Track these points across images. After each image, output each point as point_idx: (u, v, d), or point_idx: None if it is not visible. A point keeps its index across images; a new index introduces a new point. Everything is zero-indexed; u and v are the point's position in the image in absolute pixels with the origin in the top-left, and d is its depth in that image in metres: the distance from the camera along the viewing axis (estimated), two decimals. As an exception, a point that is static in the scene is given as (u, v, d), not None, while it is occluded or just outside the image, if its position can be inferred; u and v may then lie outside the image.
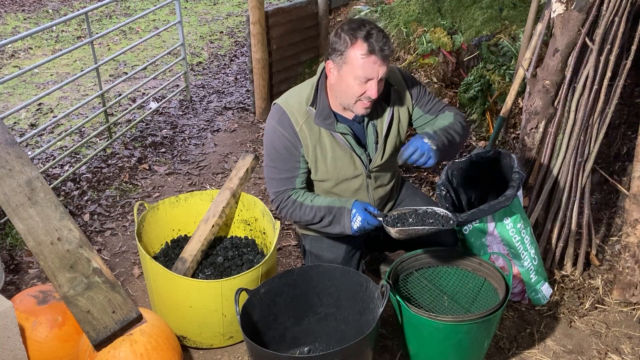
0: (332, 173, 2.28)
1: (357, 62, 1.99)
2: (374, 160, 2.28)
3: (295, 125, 2.18)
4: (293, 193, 2.27)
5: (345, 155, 2.24)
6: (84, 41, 3.91)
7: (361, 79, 2.02)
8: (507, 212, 2.47)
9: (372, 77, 2.01)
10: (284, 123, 2.19)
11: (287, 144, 2.20)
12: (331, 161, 2.24)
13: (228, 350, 2.53)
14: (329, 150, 2.22)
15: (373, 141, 2.26)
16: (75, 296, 2.01)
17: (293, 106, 2.20)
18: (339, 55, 2.03)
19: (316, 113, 2.17)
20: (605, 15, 2.57)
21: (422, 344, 2.19)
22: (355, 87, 2.04)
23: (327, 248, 2.47)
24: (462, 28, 4.61)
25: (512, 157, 2.46)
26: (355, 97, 2.07)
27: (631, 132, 3.31)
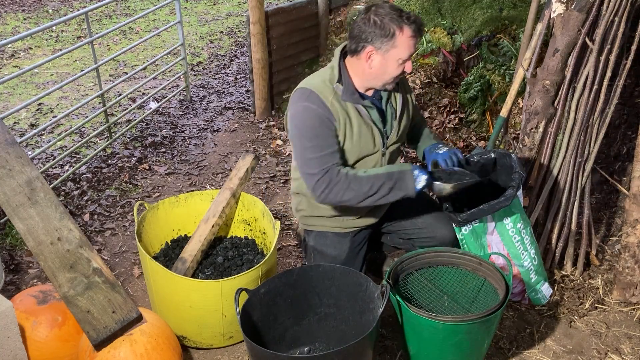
0: (356, 149, 2.31)
1: (405, 44, 2.15)
2: (390, 137, 2.37)
3: (326, 101, 2.22)
4: (341, 168, 2.23)
5: (368, 130, 2.30)
6: (84, 41, 3.91)
7: (404, 59, 2.19)
8: (507, 212, 2.47)
9: (410, 56, 2.20)
10: (315, 100, 2.22)
11: (323, 119, 2.21)
12: (357, 136, 2.29)
13: (228, 350, 2.53)
14: (355, 125, 2.28)
15: (391, 119, 2.38)
16: (75, 296, 2.01)
17: (318, 86, 2.24)
18: (388, 41, 2.14)
19: (343, 89, 2.25)
20: (605, 15, 2.57)
21: (422, 344, 2.19)
22: (397, 68, 2.20)
23: (331, 244, 2.48)
24: (462, 28, 4.61)
25: (512, 157, 2.46)
26: (391, 77, 2.22)
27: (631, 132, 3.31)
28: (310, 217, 2.51)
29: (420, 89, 4.51)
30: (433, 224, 2.51)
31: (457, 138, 4.20)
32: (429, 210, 2.54)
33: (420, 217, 2.52)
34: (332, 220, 2.47)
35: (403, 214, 2.55)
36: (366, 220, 2.49)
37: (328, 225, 2.48)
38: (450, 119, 4.34)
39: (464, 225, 2.45)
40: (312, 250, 2.54)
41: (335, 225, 2.47)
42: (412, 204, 2.53)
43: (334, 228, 2.48)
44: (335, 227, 2.48)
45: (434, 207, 2.56)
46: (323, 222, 2.49)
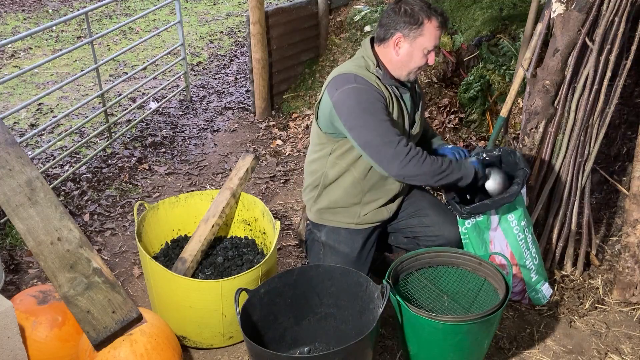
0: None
1: (432, 34, 2.24)
2: (415, 124, 2.45)
3: (375, 85, 2.27)
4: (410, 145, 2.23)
5: (402, 114, 2.37)
6: (84, 41, 3.91)
7: (429, 49, 2.26)
8: (511, 208, 2.47)
9: (435, 46, 2.28)
10: (362, 82, 2.24)
11: (378, 96, 2.24)
12: (395, 118, 2.33)
13: (228, 350, 2.53)
14: (396, 108, 2.33)
15: (415, 108, 2.45)
16: (75, 296, 2.01)
17: (358, 71, 2.28)
18: (416, 29, 2.23)
19: (383, 73, 2.31)
20: (605, 15, 2.57)
21: (422, 344, 2.19)
22: (422, 57, 2.28)
23: (344, 241, 2.47)
24: (462, 28, 4.60)
25: (516, 154, 2.46)
26: (416, 67, 2.29)
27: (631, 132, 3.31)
28: (327, 210, 2.46)
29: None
30: (440, 223, 2.51)
31: (457, 138, 4.19)
32: (437, 209, 2.54)
33: (428, 216, 2.52)
34: (349, 214, 2.45)
35: (410, 212, 2.55)
36: (379, 216, 2.47)
37: (344, 222, 2.46)
38: (450, 119, 4.34)
39: (468, 218, 2.45)
40: (324, 245, 2.51)
41: (351, 222, 2.46)
42: (419, 202, 2.54)
43: (350, 224, 2.47)
44: (351, 223, 2.46)
45: (441, 207, 2.56)
46: (339, 218, 2.46)
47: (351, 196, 2.43)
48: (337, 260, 2.47)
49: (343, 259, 2.46)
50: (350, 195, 2.42)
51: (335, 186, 2.43)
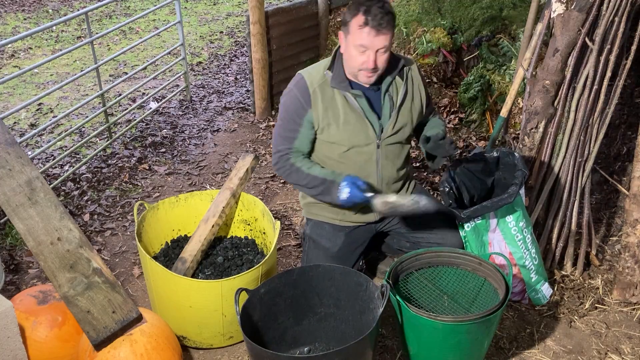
0: (344, 137, 2.35)
1: (356, 32, 2.18)
2: (385, 129, 2.36)
3: (310, 87, 2.33)
4: (293, 157, 2.39)
5: (358, 120, 2.33)
6: (84, 41, 3.91)
7: (360, 48, 2.19)
8: (509, 209, 2.47)
9: (368, 47, 2.18)
10: (300, 85, 2.35)
11: (297, 105, 2.34)
12: (343, 124, 2.33)
13: (228, 350, 2.53)
14: (341, 113, 2.32)
15: (388, 110, 2.37)
16: (75, 296, 2.01)
17: (311, 72, 2.37)
18: (346, 25, 2.23)
19: (332, 76, 2.32)
20: (605, 15, 2.57)
21: (422, 344, 2.19)
22: (357, 56, 2.21)
23: (326, 236, 2.51)
24: (462, 28, 4.60)
25: (514, 155, 2.47)
26: (357, 67, 2.24)
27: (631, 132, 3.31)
28: (313, 204, 2.54)
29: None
30: (443, 230, 2.50)
31: (457, 138, 4.20)
32: (440, 216, 2.51)
33: (430, 223, 2.51)
34: (332, 211, 2.50)
35: (413, 218, 2.54)
36: (364, 217, 2.50)
37: (328, 216, 2.52)
38: (450, 119, 4.34)
39: (467, 222, 2.45)
40: (308, 238, 2.58)
41: (335, 218, 2.50)
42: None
43: (334, 220, 2.51)
44: (335, 219, 2.51)
45: (444, 215, 2.53)
46: (324, 212, 2.52)
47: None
48: (317, 254, 2.51)
49: (323, 254, 2.50)
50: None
51: None
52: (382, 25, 2.15)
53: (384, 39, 2.18)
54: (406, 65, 2.40)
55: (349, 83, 2.32)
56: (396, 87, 2.38)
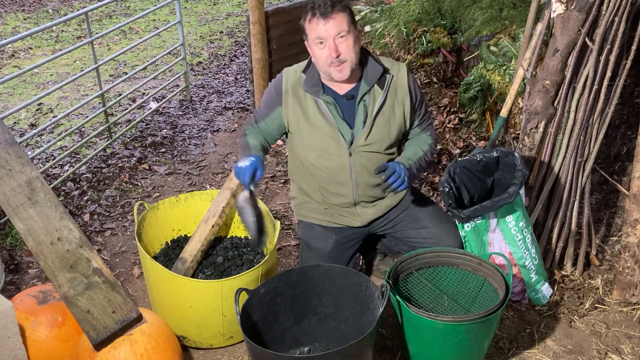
0: (314, 141, 2.34)
1: (309, 28, 2.22)
2: (357, 139, 2.32)
3: (284, 86, 2.36)
4: (250, 128, 2.48)
5: (327, 126, 2.31)
6: (84, 41, 3.91)
7: (317, 42, 2.20)
8: (509, 209, 2.47)
9: (324, 37, 2.18)
10: (277, 81, 2.40)
11: (271, 98, 2.41)
12: (313, 129, 2.33)
13: (228, 350, 2.53)
14: (311, 116, 2.32)
15: (362, 120, 2.31)
16: (75, 296, 2.01)
17: (290, 72, 2.39)
18: (304, 32, 2.27)
19: (305, 79, 2.32)
20: (605, 15, 2.57)
21: (422, 344, 2.19)
22: (320, 52, 2.21)
23: (317, 237, 2.52)
24: (462, 28, 4.60)
25: (514, 155, 2.46)
26: (325, 64, 2.22)
27: (631, 132, 3.31)
28: (301, 206, 2.56)
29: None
30: (438, 235, 2.48)
31: (457, 138, 4.20)
32: (434, 220, 2.51)
33: (425, 228, 2.50)
34: (320, 212, 2.51)
35: (408, 223, 2.54)
36: (349, 221, 2.50)
37: (316, 217, 2.52)
38: (450, 119, 4.34)
39: (467, 222, 2.45)
40: (301, 241, 2.60)
41: (323, 219, 2.51)
42: (417, 214, 2.52)
43: (322, 221, 2.52)
44: (323, 220, 2.52)
45: (439, 217, 2.53)
46: (312, 214, 2.53)
47: (311, 190, 2.48)
48: (311, 256, 2.52)
49: (316, 255, 2.50)
50: (310, 190, 2.48)
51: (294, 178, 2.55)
52: (329, 10, 2.15)
53: (336, 23, 2.15)
54: (389, 73, 2.31)
55: (322, 88, 2.30)
56: (373, 96, 2.30)
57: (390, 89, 2.32)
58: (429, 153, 2.43)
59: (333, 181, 2.40)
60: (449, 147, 4.10)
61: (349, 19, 2.19)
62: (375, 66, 2.30)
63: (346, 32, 2.17)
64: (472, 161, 2.58)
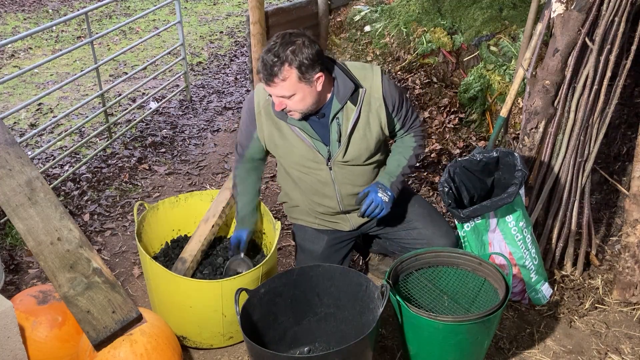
0: (293, 159, 2.35)
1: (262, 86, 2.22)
2: (335, 156, 2.32)
3: (256, 108, 2.33)
4: (240, 167, 2.48)
5: (303, 145, 2.31)
6: (84, 41, 3.91)
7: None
8: (509, 209, 2.47)
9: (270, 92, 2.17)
10: (250, 104, 2.36)
11: (247, 121, 2.39)
12: (289, 148, 2.33)
13: (228, 350, 2.53)
14: (287, 136, 2.32)
15: (336, 138, 2.29)
16: (75, 296, 2.01)
17: (260, 91, 2.32)
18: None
19: (272, 102, 2.25)
20: (605, 15, 2.57)
21: (422, 344, 2.19)
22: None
23: (309, 238, 2.54)
24: (462, 28, 4.60)
25: (514, 155, 2.46)
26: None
27: (631, 132, 3.31)
28: (293, 209, 2.58)
29: (420, 89, 4.51)
30: (429, 236, 2.48)
31: (457, 138, 4.20)
32: (425, 221, 2.51)
33: (416, 229, 2.50)
34: (310, 214, 2.53)
35: (399, 224, 2.54)
36: (338, 225, 2.52)
37: (307, 220, 2.54)
38: (450, 119, 4.34)
39: (467, 221, 2.45)
40: (295, 243, 2.62)
41: (313, 222, 2.53)
42: (408, 214, 2.53)
43: (312, 224, 2.54)
44: (313, 222, 2.53)
45: (430, 217, 2.53)
46: (303, 216, 2.55)
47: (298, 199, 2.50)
48: (304, 258, 2.54)
49: (309, 257, 2.52)
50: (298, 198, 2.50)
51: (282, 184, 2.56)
52: (271, 76, 2.07)
53: (278, 89, 2.09)
54: (361, 87, 2.23)
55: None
56: (346, 113, 2.25)
57: (363, 104, 2.25)
58: (414, 157, 2.44)
59: (318, 193, 2.41)
60: (449, 147, 4.10)
61: (295, 78, 2.08)
62: (347, 82, 2.21)
63: (290, 93, 2.11)
64: (472, 161, 2.57)
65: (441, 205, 3.47)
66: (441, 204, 3.48)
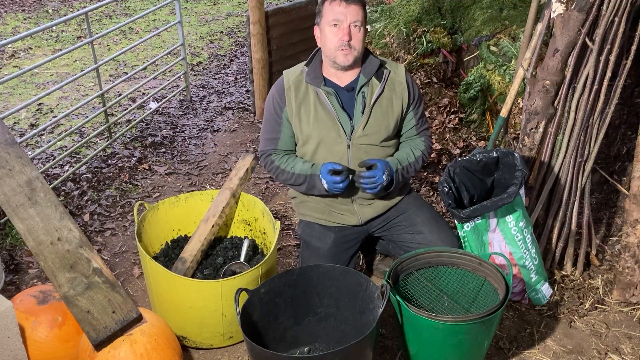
0: (315, 132, 2.39)
1: (327, 10, 2.30)
2: (356, 129, 2.38)
3: (286, 84, 2.42)
4: (275, 155, 2.49)
5: (327, 116, 2.38)
6: (84, 41, 3.91)
7: (333, 23, 2.28)
8: (509, 209, 2.47)
9: (341, 19, 2.27)
10: (279, 85, 2.45)
11: (275, 105, 2.44)
12: (313, 120, 2.38)
13: (228, 350, 2.53)
14: (312, 108, 2.38)
15: (360, 110, 2.39)
16: (75, 296, 2.01)
17: (291, 70, 2.47)
18: (319, 15, 2.35)
19: (307, 72, 2.41)
20: (605, 15, 2.57)
21: (422, 344, 2.19)
22: (332, 35, 2.30)
23: (316, 235, 2.54)
24: (462, 28, 4.61)
25: (514, 155, 2.46)
26: (334, 46, 2.30)
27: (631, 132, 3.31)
28: (301, 204, 2.60)
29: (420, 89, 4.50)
30: (433, 242, 2.48)
31: (457, 138, 4.20)
32: (430, 226, 2.51)
33: (421, 234, 2.50)
34: (318, 210, 2.53)
35: (404, 227, 2.54)
36: (347, 219, 2.52)
37: (315, 216, 2.55)
38: (450, 119, 4.34)
39: (467, 221, 2.45)
40: (301, 240, 2.62)
41: (321, 217, 2.54)
42: (414, 218, 2.53)
43: (320, 220, 2.54)
44: (321, 219, 2.54)
45: (436, 223, 2.53)
46: (311, 212, 2.56)
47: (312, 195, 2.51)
48: (310, 255, 2.53)
49: (315, 254, 2.51)
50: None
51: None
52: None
53: (355, 10, 2.27)
54: (386, 68, 2.42)
55: (323, 80, 2.39)
56: (372, 87, 2.40)
57: (387, 81, 2.41)
58: (420, 160, 2.50)
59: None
60: (449, 147, 4.10)
61: (364, 13, 2.32)
62: (373, 60, 2.41)
63: (361, 22, 2.29)
64: (472, 161, 2.58)
65: (441, 205, 3.47)
66: (441, 204, 3.48)
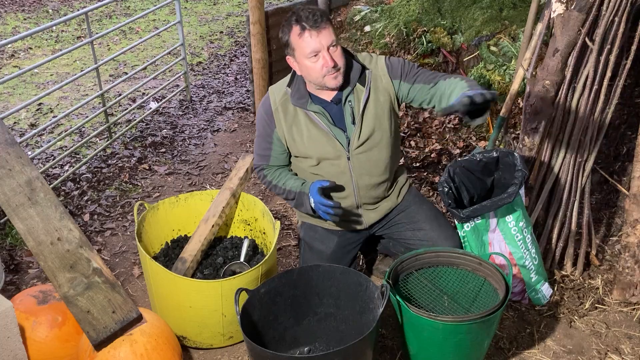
0: (311, 151, 2.35)
1: (299, 43, 2.18)
2: (352, 140, 2.33)
3: (273, 106, 2.36)
4: (267, 170, 2.48)
5: (322, 135, 2.33)
6: (84, 41, 3.91)
7: (311, 55, 2.18)
8: (509, 209, 2.47)
9: (318, 48, 2.17)
10: (265, 105, 2.40)
11: (265, 125, 2.40)
12: (307, 140, 2.34)
13: (228, 350, 2.53)
14: (304, 129, 2.34)
15: (350, 121, 2.33)
16: (75, 296, 2.01)
17: (276, 89, 2.40)
18: (287, 47, 2.24)
19: (292, 93, 2.33)
20: (605, 15, 2.57)
21: (422, 344, 2.19)
22: (314, 65, 2.19)
23: (319, 238, 2.53)
24: (462, 28, 4.60)
25: (514, 155, 2.46)
26: (320, 74, 2.21)
27: (631, 132, 3.31)
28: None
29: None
30: (434, 239, 2.48)
31: (457, 138, 4.20)
32: (432, 223, 2.51)
33: (422, 230, 2.51)
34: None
35: (406, 224, 2.54)
36: (352, 226, 2.52)
37: (319, 220, 2.52)
38: (450, 119, 4.34)
39: (467, 221, 2.45)
40: (302, 242, 2.60)
41: (325, 221, 2.50)
42: (415, 215, 2.53)
43: (323, 223, 2.53)
44: (325, 223, 2.52)
45: (437, 221, 2.54)
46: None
47: None
48: (312, 257, 2.53)
49: (317, 256, 2.51)
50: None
51: None
52: (318, 21, 2.15)
53: (327, 32, 2.16)
54: (366, 69, 2.32)
55: (309, 98, 2.31)
56: (357, 94, 2.31)
57: (372, 83, 2.32)
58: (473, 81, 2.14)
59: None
60: (449, 147, 4.10)
61: (333, 28, 2.21)
62: (355, 65, 2.31)
63: (335, 41, 2.19)
64: (472, 161, 2.58)
65: (441, 205, 3.47)
66: (441, 204, 3.48)
